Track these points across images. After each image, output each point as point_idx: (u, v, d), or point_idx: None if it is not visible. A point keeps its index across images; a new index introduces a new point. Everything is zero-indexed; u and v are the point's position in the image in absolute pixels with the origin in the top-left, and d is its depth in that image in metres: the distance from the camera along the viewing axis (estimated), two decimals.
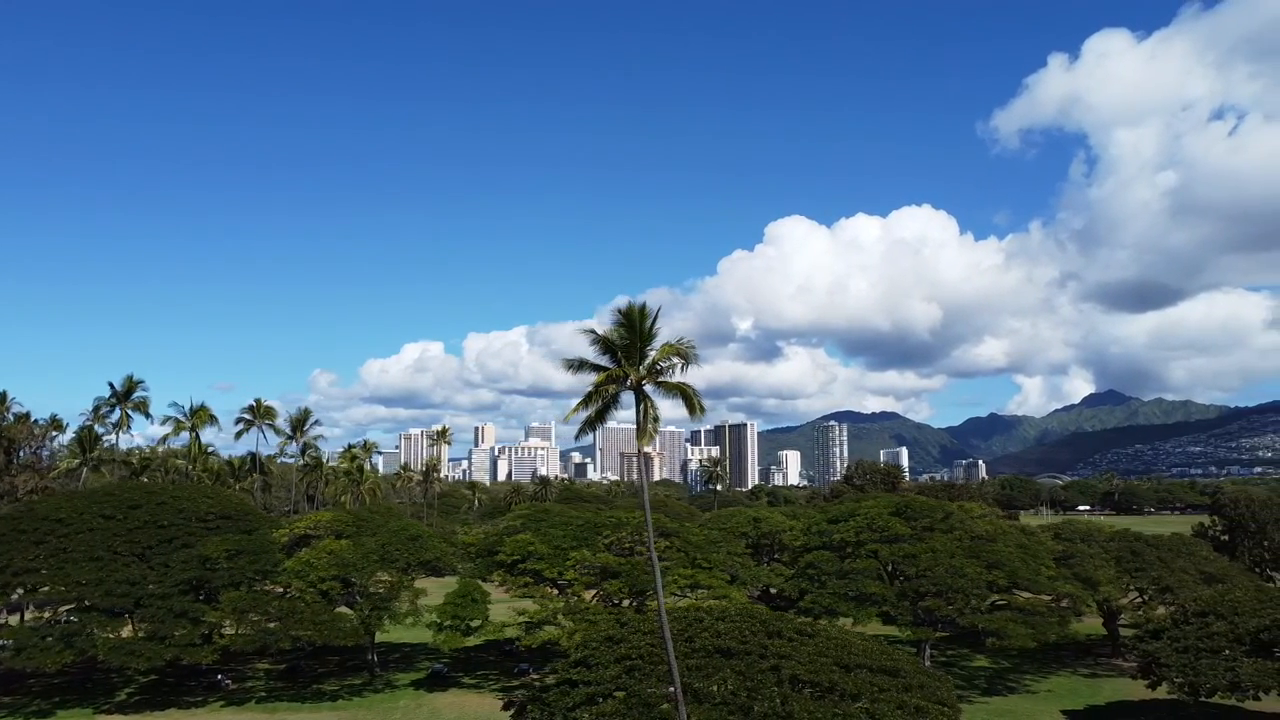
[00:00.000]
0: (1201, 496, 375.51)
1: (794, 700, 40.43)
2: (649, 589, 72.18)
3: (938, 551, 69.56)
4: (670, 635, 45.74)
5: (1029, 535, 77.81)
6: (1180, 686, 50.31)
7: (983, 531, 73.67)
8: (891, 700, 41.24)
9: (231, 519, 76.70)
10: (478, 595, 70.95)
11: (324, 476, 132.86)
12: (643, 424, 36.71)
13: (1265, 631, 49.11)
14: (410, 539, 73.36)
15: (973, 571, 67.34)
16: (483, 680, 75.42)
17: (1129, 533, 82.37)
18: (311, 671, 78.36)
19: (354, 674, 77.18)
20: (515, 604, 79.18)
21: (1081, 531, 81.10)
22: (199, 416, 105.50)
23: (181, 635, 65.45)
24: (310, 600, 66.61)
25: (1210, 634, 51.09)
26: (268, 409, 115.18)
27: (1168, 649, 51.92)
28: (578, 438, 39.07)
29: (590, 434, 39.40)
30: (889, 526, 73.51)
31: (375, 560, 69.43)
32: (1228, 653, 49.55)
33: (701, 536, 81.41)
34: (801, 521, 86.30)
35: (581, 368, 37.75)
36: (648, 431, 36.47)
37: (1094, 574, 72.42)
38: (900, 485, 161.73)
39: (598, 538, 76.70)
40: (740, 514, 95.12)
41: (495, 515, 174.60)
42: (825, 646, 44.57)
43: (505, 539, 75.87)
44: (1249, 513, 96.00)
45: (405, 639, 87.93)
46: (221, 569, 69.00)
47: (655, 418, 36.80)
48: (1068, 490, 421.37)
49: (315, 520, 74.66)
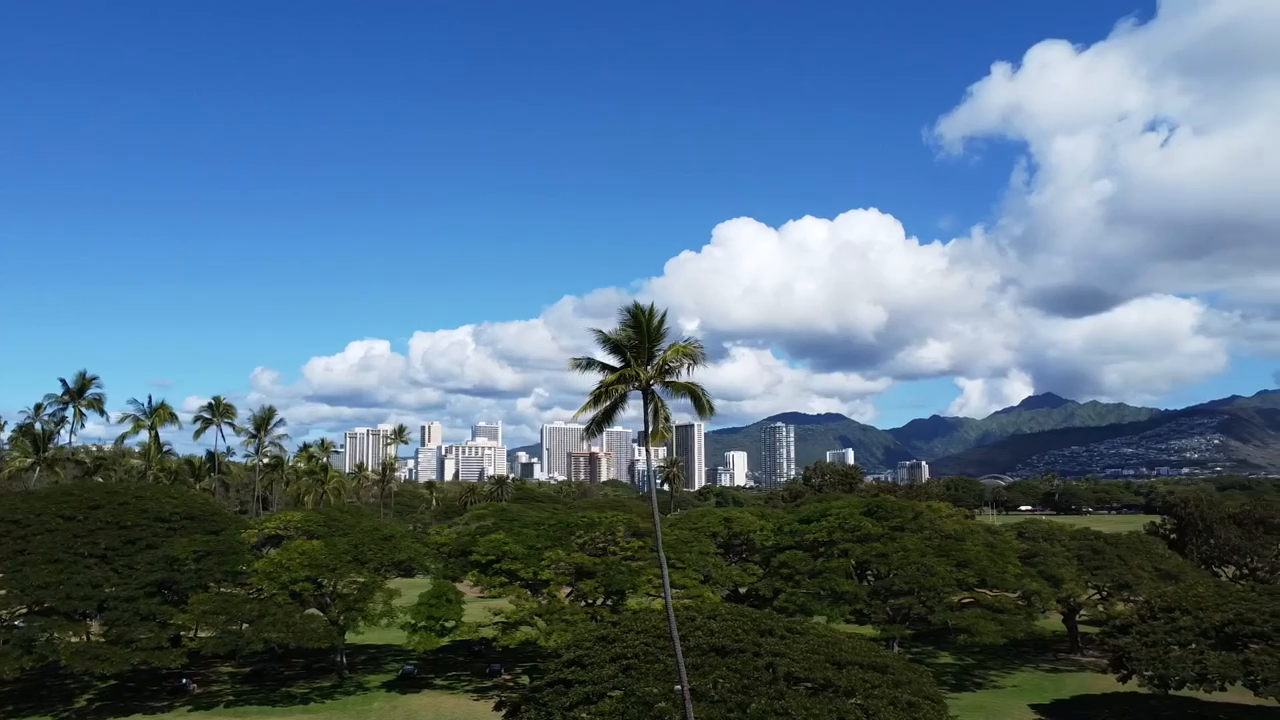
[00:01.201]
0: (1136, 497, 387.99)
1: (790, 697, 40.97)
2: (624, 588, 72.53)
3: (909, 550, 70.87)
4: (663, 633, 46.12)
5: (994, 534, 79.70)
6: (1150, 679, 52.03)
7: (951, 531, 75.30)
8: (884, 696, 42.03)
9: (197, 519, 74.96)
10: (452, 596, 70.38)
11: (285, 476, 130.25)
12: (655, 424, 36.85)
13: (1229, 625, 51.02)
14: (383, 539, 72.49)
15: (943, 570, 68.72)
16: (455, 681, 74.85)
17: (1089, 532, 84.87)
18: (278, 674, 76.98)
19: (322, 676, 75.96)
20: (488, 604, 78.87)
21: (1044, 531, 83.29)
22: (159, 415, 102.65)
23: (148, 639, 63.73)
24: (282, 602, 65.46)
25: (1177, 628, 52.94)
26: (227, 407, 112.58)
27: (1137, 644, 53.65)
28: (584, 437, 39.06)
29: (599, 433, 39.32)
30: (861, 526, 74.70)
31: (348, 561, 68.49)
32: (1194, 646, 51.41)
33: (673, 536, 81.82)
34: (771, 522, 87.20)
35: (590, 366, 37.78)
36: (660, 432, 36.62)
37: (1057, 572, 74.44)
38: (858, 486, 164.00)
39: (571, 538, 76.70)
40: (711, 514, 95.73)
41: (452, 515, 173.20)
42: (817, 644, 45.23)
43: (479, 539, 75.43)
44: (1197, 512, 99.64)
45: (371, 640, 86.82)
46: (189, 570, 67.48)
47: (667, 418, 37.00)
48: (1010, 491, 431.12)
49: (285, 520, 73.38)
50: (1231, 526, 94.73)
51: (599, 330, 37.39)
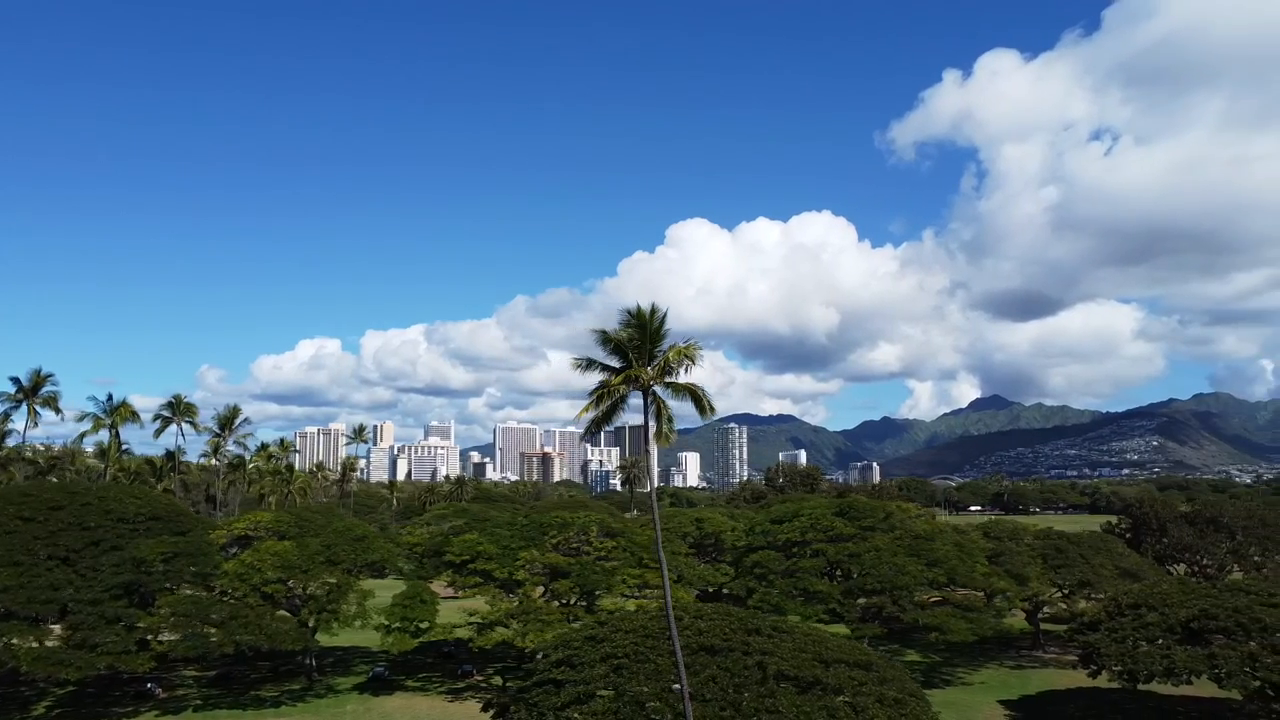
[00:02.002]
0: (1082, 497, 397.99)
1: (780, 695, 41.43)
2: (599, 588, 72.57)
3: (881, 550, 71.97)
4: (652, 633, 46.33)
5: (962, 534, 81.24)
6: (1119, 674, 53.52)
7: (921, 531, 76.54)
8: (871, 693, 42.72)
9: (163, 520, 73.38)
10: (426, 596, 69.83)
11: (247, 476, 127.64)
12: (658, 425, 37.05)
13: (1195, 621, 52.72)
14: (355, 540, 71.66)
15: (914, 569, 69.92)
16: (427, 683, 74.31)
17: (1052, 531, 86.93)
18: (244, 677, 75.69)
19: (291, 679, 74.85)
20: (461, 605, 78.35)
21: (1009, 530, 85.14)
22: (120, 413, 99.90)
23: (114, 642, 62.20)
24: (254, 604, 64.41)
25: (1144, 625, 54.52)
26: (188, 406, 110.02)
27: (1106, 640, 55.14)
28: (583, 438, 39.14)
29: (598, 433, 39.37)
30: (833, 526, 75.66)
31: (321, 562, 67.59)
32: (1161, 641, 52.98)
33: (645, 537, 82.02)
34: (743, 522, 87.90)
35: (591, 367, 37.87)
36: (664, 433, 36.83)
37: (1023, 571, 76.18)
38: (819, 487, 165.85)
39: (544, 538, 76.49)
40: (682, 514, 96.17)
41: (411, 515, 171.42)
42: (804, 642, 45.75)
43: (452, 539, 74.97)
44: (1151, 512, 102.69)
45: (337, 642, 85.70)
46: (157, 572, 66.08)
47: (670, 419, 37.22)
48: (960, 491, 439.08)
49: (254, 521, 72.16)
50: (1184, 526, 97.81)
51: (601, 330, 37.54)
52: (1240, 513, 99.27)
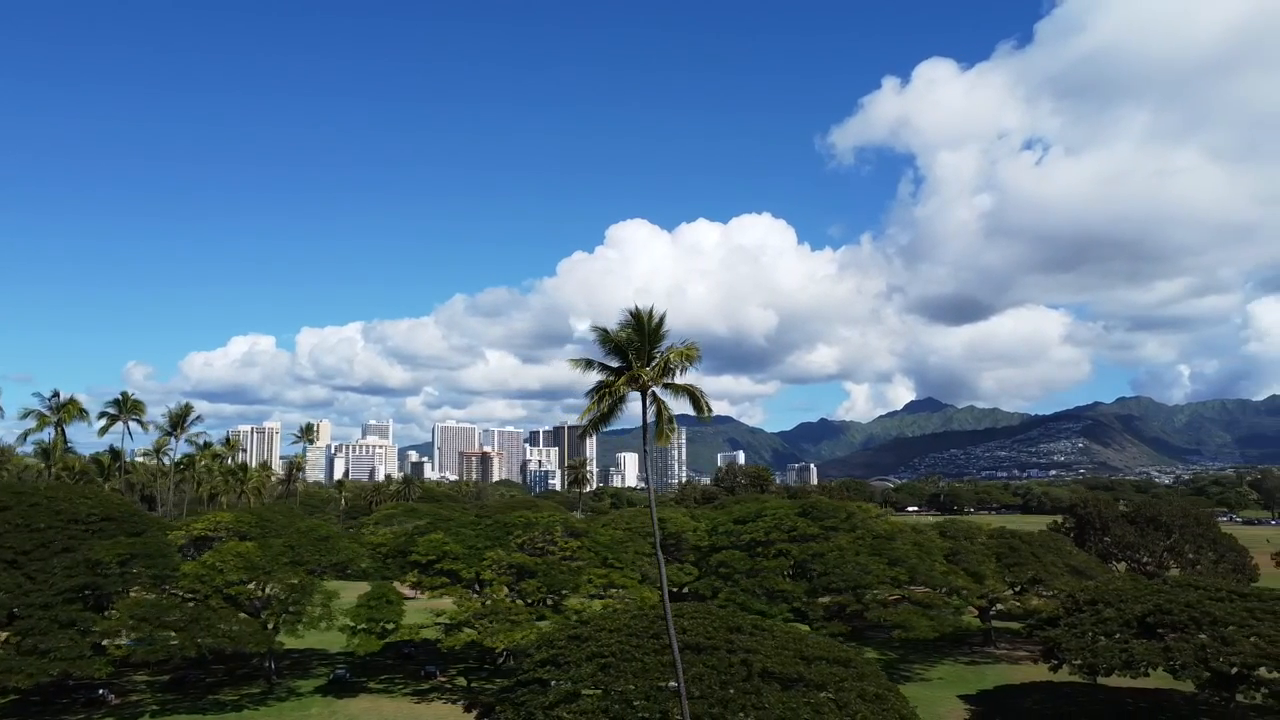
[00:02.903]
0: (1014, 497, 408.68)
1: (766, 693, 42.17)
2: (566, 588, 72.64)
3: (844, 550, 73.38)
4: (636, 631, 46.69)
5: (920, 534, 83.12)
6: (1080, 668, 55.41)
7: (882, 531, 78.15)
8: (852, 689, 43.72)
9: (116, 521, 71.49)
10: (392, 597, 69.08)
11: (197, 476, 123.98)
12: (658, 425, 37.39)
13: (1150, 615, 54.89)
14: (319, 540, 70.53)
15: (877, 568, 71.46)
16: (390, 684, 73.42)
17: (1004, 530, 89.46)
18: (200, 681, 73.89)
19: (249, 682, 73.30)
20: (426, 605, 77.69)
21: (964, 530, 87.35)
22: (67, 410, 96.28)
23: (68, 647, 60.29)
24: (216, 606, 62.99)
25: (1102, 620, 56.59)
26: (135, 403, 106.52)
27: (1066, 635, 57.10)
28: (582, 436, 39.22)
29: (596, 433, 39.55)
30: (796, 526, 76.87)
31: (285, 563, 66.37)
32: (1119, 636, 55.02)
33: (608, 537, 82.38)
34: (704, 522, 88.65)
35: (590, 367, 38.08)
36: (665, 433, 37.19)
37: (979, 569, 78.28)
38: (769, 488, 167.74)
39: (509, 537, 76.31)
40: (645, 514, 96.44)
41: (358, 515, 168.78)
42: (785, 640, 46.63)
43: (417, 539, 74.24)
44: (1095, 511, 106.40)
45: (292, 644, 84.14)
46: (113, 574, 64.14)
47: (670, 419, 37.60)
48: (899, 493, 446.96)
49: (214, 521, 70.52)
50: (1125, 525, 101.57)
51: (603, 329, 37.73)
52: (1176, 512, 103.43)
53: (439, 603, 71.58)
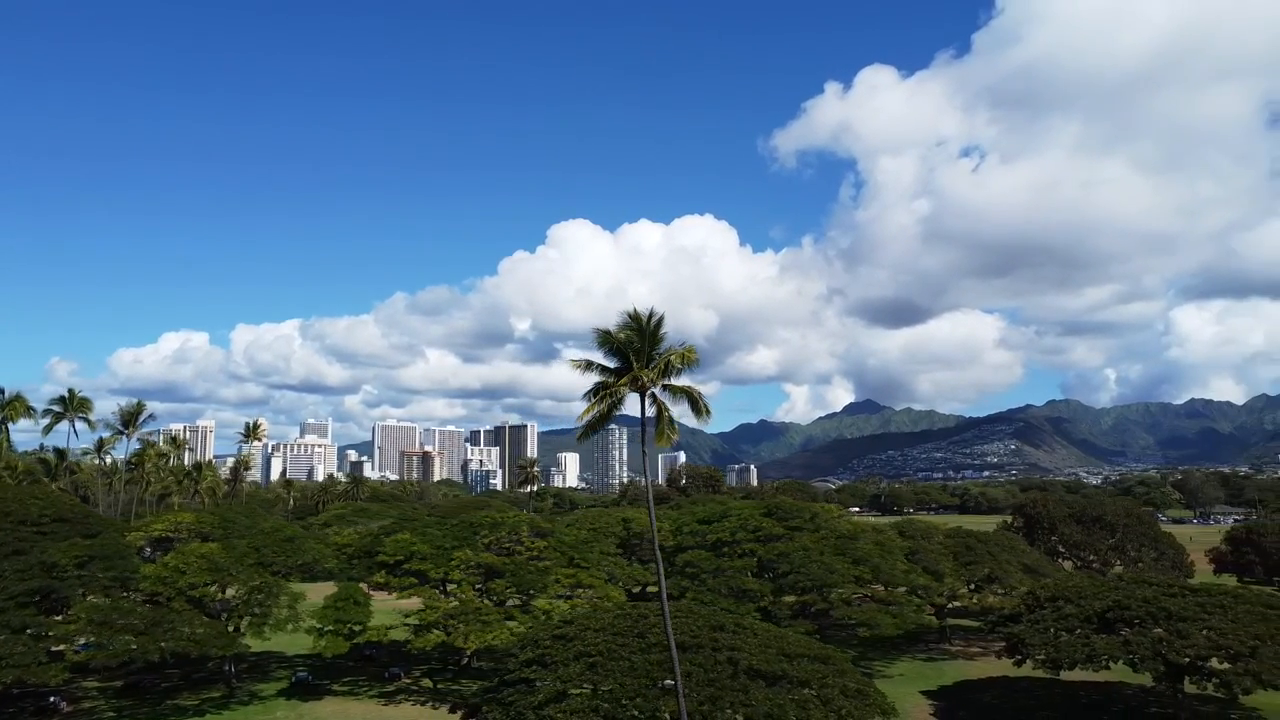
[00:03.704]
0: (952, 498, 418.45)
1: (753, 690, 42.85)
2: (535, 588, 72.55)
3: (809, 549, 74.54)
4: (621, 630, 46.97)
5: (880, 533, 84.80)
6: (1043, 662, 57.21)
7: (845, 530, 79.56)
8: (834, 685, 44.67)
9: (69, 522, 69.24)
10: (360, 598, 68.26)
11: (146, 476, 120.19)
12: (659, 426, 37.75)
13: (1110, 611, 56.96)
14: (285, 540, 69.37)
15: (842, 567, 72.76)
16: (355, 686, 72.49)
17: (961, 530, 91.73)
18: (155, 686, 72.03)
19: (207, 687, 71.72)
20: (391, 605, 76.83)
21: (922, 529, 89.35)
22: (13, 408, 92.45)
23: (21, 654, 58.24)
24: (180, 608, 61.54)
25: (1063, 616, 58.53)
26: (82, 401, 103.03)
27: (1030, 630, 58.91)
28: (580, 438, 39.36)
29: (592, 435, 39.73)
30: (761, 526, 77.84)
31: (250, 564, 65.13)
32: (1080, 631, 56.99)
33: (574, 537, 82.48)
34: (668, 523, 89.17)
35: (590, 368, 38.29)
36: (666, 434, 37.56)
37: (938, 567, 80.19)
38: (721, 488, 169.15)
39: (475, 537, 75.96)
40: (609, 514, 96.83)
41: (306, 515, 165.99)
42: (767, 638, 47.39)
43: (384, 539, 73.47)
44: (1044, 511, 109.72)
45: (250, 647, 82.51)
46: (70, 577, 62.19)
47: (672, 420, 37.97)
48: (840, 493, 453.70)
49: (175, 522, 68.85)
50: (1073, 524, 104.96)
51: (605, 331, 37.95)
52: (1120, 512, 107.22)
53: (400, 603, 70.86)
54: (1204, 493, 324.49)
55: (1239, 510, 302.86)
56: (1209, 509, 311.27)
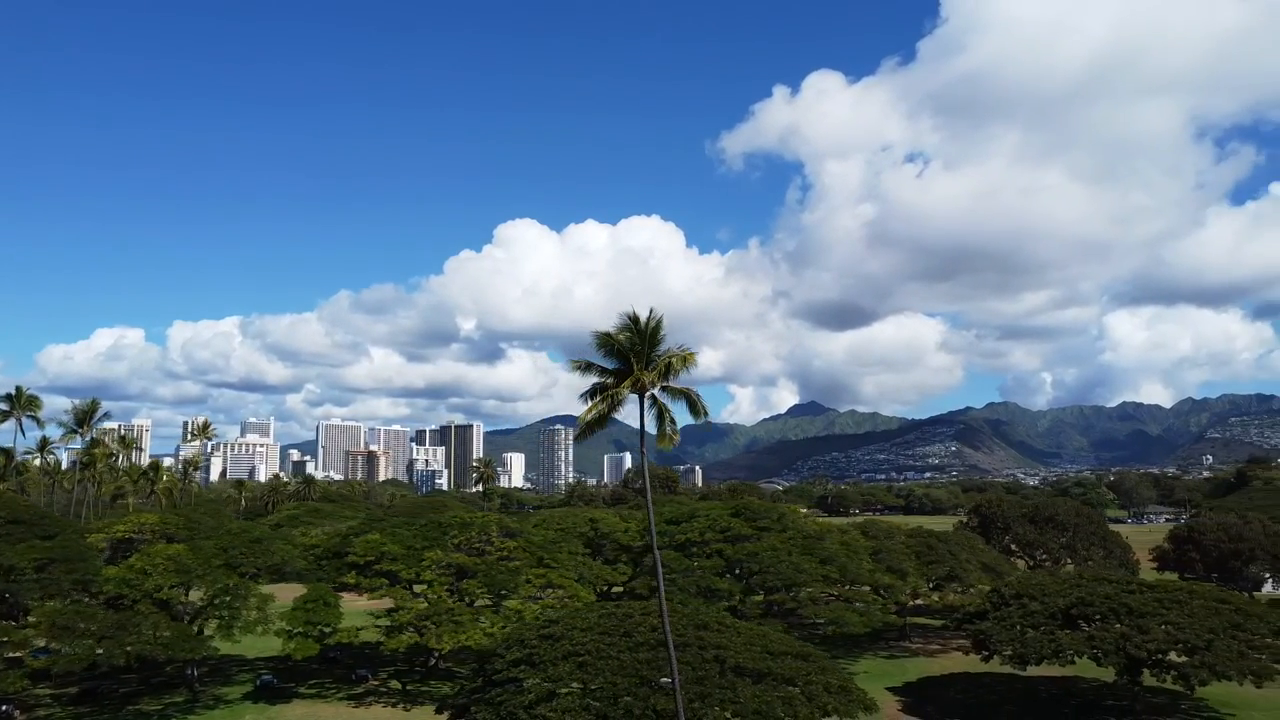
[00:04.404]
0: (897, 499, 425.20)
1: (740, 687, 43.50)
2: (506, 588, 72.40)
3: (777, 549, 75.60)
4: (608, 629, 47.27)
5: (845, 534, 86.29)
6: (1010, 658, 58.91)
7: (812, 531, 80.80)
8: (818, 681, 45.54)
9: (25, 524, 67.56)
10: (330, 599, 67.44)
11: (98, 475, 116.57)
12: (660, 426, 38.16)
13: (1073, 608, 58.92)
14: (252, 541, 68.24)
15: (810, 567, 73.92)
16: (322, 689, 71.60)
17: (922, 530, 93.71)
18: (114, 692, 70.19)
19: (169, 691, 70.17)
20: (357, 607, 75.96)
21: (884, 530, 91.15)
22: None
23: None
24: (146, 611, 60.23)
25: (1029, 613, 60.34)
26: (30, 399, 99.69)
27: (996, 627, 60.60)
28: (579, 438, 39.51)
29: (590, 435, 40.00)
30: (730, 527, 78.67)
31: (218, 565, 63.98)
32: (1045, 627, 58.80)
33: (541, 537, 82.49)
34: (635, 523, 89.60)
35: (589, 369, 38.55)
36: (668, 435, 37.98)
37: (901, 566, 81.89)
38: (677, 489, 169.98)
39: (445, 538, 75.56)
40: (576, 514, 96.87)
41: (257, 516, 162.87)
42: (751, 637, 48.13)
43: (354, 540, 72.66)
44: (998, 511, 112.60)
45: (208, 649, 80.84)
46: (29, 580, 60.60)
47: (673, 421, 38.40)
48: (787, 494, 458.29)
49: (138, 523, 67.30)
50: (1026, 524, 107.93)
51: (605, 333, 38.22)
52: (1071, 512, 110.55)
53: (362, 604, 70.17)
54: (1138, 493, 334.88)
55: (1170, 510, 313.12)
56: (1143, 509, 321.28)
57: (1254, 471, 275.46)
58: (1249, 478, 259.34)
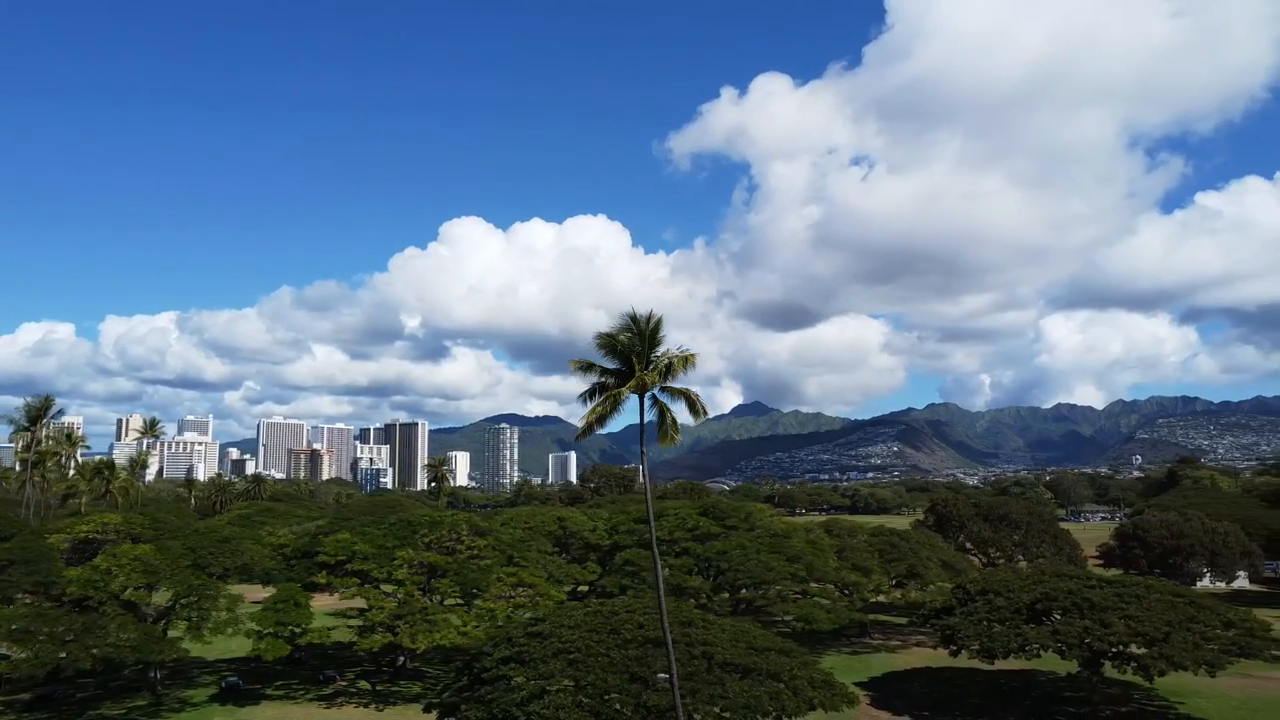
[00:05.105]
0: (843, 499, 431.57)
1: (728, 683, 44.21)
2: (479, 587, 72.26)
3: (746, 547, 76.62)
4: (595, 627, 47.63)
5: (809, 532, 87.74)
6: (978, 652, 60.56)
7: (779, 529, 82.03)
8: (802, 676, 46.50)
9: None
10: (300, 599, 66.61)
11: (45, 474, 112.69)
12: (662, 426, 38.63)
13: (1038, 603, 60.81)
14: (221, 541, 67.07)
15: (779, 565, 75.07)
16: (290, 690, 70.61)
17: (884, 528, 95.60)
18: (70, 698, 68.33)
19: (129, 695, 68.56)
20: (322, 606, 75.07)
21: (847, 529, 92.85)
22: None
23: None
24: (113, 613, 58.90)
25: (995, 608, 62.09)
26: None
27: (964, 622, 62.25)
28: (580, 438, 39.82)
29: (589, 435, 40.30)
30: (700, 525, 79.49)
31: (187, 565, 62.80)
32: (1011, 622, 60.58)
33: (510, 536, 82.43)
34: (601, 522, 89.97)
35: (590, 370, 38.90)
36: (670, 435, 38.46)
37: (865, 564, 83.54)
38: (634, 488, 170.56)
39: (415, 536, 75.12)
40: (544, 513, 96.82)
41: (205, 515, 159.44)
42: (736, 634, 48.87)
43: (323, 539, 71.84)
44: (954, 509, 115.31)
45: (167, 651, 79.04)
46: None
47: (674, 420, 38.87)
48: (734, 494, 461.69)
49: (101, 523, 65.66)
50: (981, 522, 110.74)
51: (608, 334, 38.59)
52: (1024, 510, 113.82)
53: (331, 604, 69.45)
54: (1076, 492, 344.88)
55: (1105, 508, 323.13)
56: (1079, 508, 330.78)
57: (1184, 471, 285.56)
58: (1179, 477, 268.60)
